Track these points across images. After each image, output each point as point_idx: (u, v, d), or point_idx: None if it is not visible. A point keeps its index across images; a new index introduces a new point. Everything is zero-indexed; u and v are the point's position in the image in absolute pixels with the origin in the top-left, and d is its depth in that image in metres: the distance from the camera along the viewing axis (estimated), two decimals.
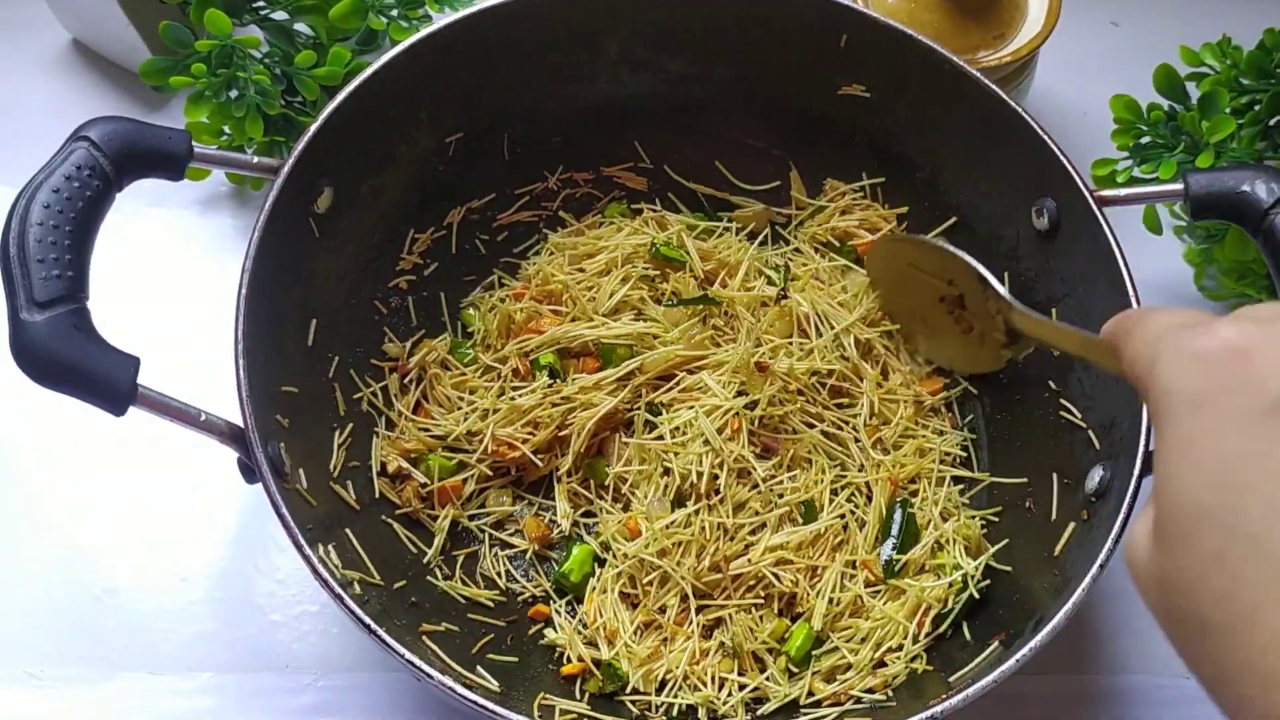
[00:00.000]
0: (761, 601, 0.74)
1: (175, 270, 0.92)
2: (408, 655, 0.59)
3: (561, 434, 0.78)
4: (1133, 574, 0.39)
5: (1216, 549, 0.34)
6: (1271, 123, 0.84)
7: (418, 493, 0.78)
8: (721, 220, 0.90)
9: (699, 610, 0.73)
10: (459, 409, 0.80)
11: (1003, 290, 0.74)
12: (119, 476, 0.83)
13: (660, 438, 0.76)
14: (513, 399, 0.78)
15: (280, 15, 0.91)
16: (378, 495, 0.78)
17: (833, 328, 0.82)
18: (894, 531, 0.76)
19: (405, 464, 0.78)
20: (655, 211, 0.89)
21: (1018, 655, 0.62)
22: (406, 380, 0.82)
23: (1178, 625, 0.37)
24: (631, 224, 0.88)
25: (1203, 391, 0.36)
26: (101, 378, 0.59)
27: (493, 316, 0.83)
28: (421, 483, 0.77)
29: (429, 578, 0.75)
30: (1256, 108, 0.84)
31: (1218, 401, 0.36)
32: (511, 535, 0.79)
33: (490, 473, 0.79)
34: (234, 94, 0.88)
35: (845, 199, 0.89)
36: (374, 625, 0.60)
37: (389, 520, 0.77)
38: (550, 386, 0.78)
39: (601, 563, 0.76)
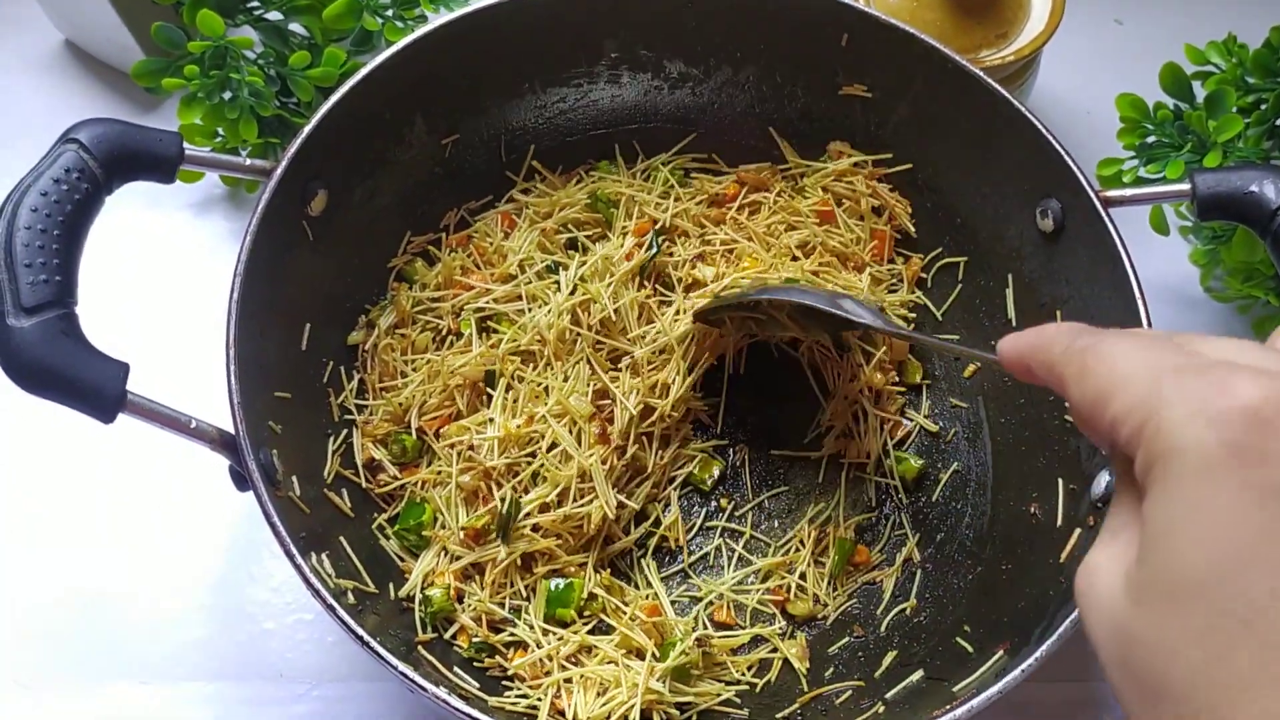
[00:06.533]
0: None
1: (169, 273, 0.91)
2: (400, 667, 0.58)
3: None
4: (1085, 605, 0.37)
5: (1205, 625, 0.33)
6: (1278, 122, 0.83)
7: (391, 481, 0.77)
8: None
9: None
10: (402, 376, 0.80)
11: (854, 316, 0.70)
12: (109, 481, 0.82)
13: None
14: (434, 361, 0.79)
15: (274, 16, 0.90)
16: (363, 487, 0.76)
17: None
18: None
19: (376, 453, 0.77)
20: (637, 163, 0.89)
21: (1023, 665, 0.61)
22: (365, 351, 0.81)
23: (1132, 679, 0.35)
24: (602, 178, 0.87)
25: (1216, 457, 0.34)
26: (89, 384, 0.58)
27: (433, 271, 0.83)
28: (393, 473, 0.77)
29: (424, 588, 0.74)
30: (1263, 107, 0.83)
31: (1232, 470, 0.33)
32: None
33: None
34: (227, 95, 0.87)
35: (847, 161, 0.87)
36: (367, 637, 0.59)
37: (385, 525, 0.76)
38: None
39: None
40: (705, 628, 0.76)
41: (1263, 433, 0.34)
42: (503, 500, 0.72)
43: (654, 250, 0.81)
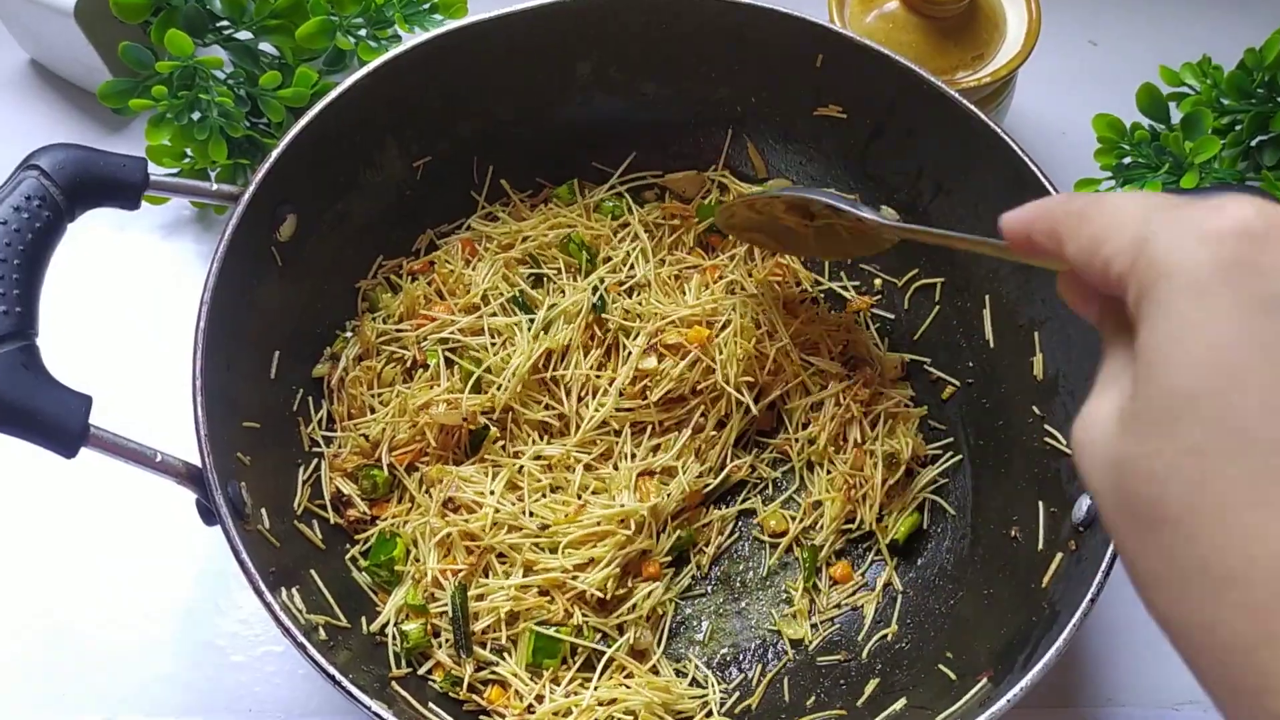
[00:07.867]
0: None
1: (135, 298, 0.90)
2: (373, 705, 0.57)
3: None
4: (1082, 454, 0.37)
5: (1197, 441, 0.32)
6: (1253, 143, 0.84)
7: (360, 516, 0.76)
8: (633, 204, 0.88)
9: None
10: (370, 410, 0.78)
11: (866, 213, 0.70)
12: (75, 511, 0.81)
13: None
14: (402, 395, 0.77)
15: (244, 35, 0.89)
16: (332, 522, 0.75)
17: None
18: None
19: (345, 487, 0.75)
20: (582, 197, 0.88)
21: (1008, 695, 0.60)
22: (331, 387, 0.80)
23: (1129, 514, 0.34)
24: (559, 211, 0.86)
25: (1209, 275, 0.33)
26: (51, 419, 0.56)
27: (396, 300, 0.82)
28: (362, 509, 0.75)
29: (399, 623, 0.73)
30: (1238, 128, 0.83)
31: (1224, 286, 0.33)
32: None
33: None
34: (196, 116, 0.85)
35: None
36: (338, 675, 0.57)
37: (358, 557, 0.75)
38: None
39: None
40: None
41: (1256, 246, 0.33)
42: (453, 601, 0.71)
43: (602, 304, 0.80)
